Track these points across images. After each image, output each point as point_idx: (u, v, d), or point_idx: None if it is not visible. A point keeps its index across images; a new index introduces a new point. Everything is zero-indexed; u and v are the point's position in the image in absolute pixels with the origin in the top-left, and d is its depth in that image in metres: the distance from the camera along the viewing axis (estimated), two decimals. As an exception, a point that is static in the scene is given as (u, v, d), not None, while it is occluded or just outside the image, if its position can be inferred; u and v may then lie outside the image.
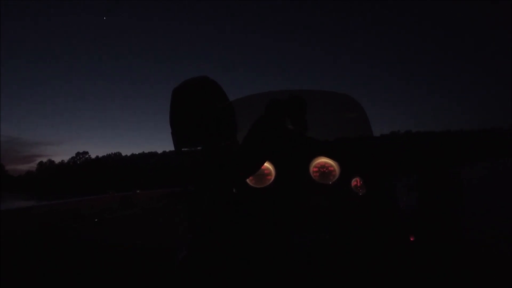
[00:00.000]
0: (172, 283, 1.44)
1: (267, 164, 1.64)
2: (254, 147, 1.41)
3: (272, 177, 1.62)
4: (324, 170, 1.64)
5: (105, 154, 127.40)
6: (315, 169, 1.64)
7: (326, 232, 1.43)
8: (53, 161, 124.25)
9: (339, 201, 1.55)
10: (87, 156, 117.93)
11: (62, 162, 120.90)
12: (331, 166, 1.65)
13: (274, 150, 1.58)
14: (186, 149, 1.45)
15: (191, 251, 1.40)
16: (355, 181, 1.60)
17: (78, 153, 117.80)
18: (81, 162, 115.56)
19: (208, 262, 1.34)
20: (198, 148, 1.45)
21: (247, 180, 1.62)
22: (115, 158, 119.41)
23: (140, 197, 2.66)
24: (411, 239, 1.59)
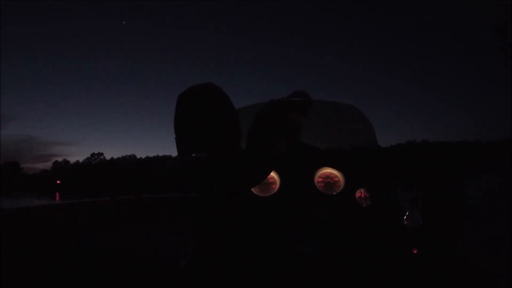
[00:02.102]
0: None
1: (272, 173, 1.63)
2: (261, 156, 1.40)
3: (277, 186, 1.62)
4: (328, 181, 1.64)
5: (120, 156, 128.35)
6: (320, 180, 1.64)
7: (328, 243, 1.42)
8: (68, 161, 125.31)
9: (343, 212, 1.54)
10: (101, 157, 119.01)
11: (77, 162, 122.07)
12: (336, 176, 1.64)
13: (279, 159, 1.58)
14: (189, 155, 1.45)
15: (194, 259, 1.40)
16: (359, 193, 1.59)
17: (93, 154, 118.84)
18: (95, 163, 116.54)
19: (210, 270, 1.33)
20: (202, 155, 1.44)
21: (252, 189, 1.61)
22: (130, 161, 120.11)
23: (142, 201, 2.65)
24: (414, 252, 1.57)
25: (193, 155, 1.45)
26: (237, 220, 1.45)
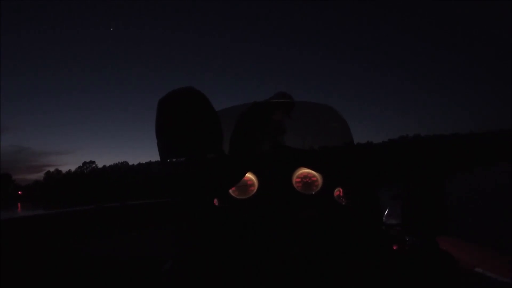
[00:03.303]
0: None
1: (250, 175, 1.63)
2: (234, 157, 1.39)
3: (255, 188, 1.61)
4: (307, 181, 1.63)
5: (112, 164, 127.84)
6: (298, 180, 1.63)
7: (309, 243, 1.41)
8: (60, 171, 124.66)
9: (322, 211, 1.53)
10: (93, 165, 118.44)
11: (69, 172, 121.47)
12: (314, 176, 1.64)
13: (255, 161, 1.57)
14: (171, 160, 1.45)
15: (177, 261, 1.39)
16: (338, 191, 1.58)
17: (85, 163, 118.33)
18: (87, 171, 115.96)
19: (193, 272, 1.32)
20: (183, 159, 1.44)
21: (230, 191, 1.61)
22: (122, 168, 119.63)
23: (127, 208, 2.63)
24: (394, 248, 1.56)
25: (175, 159, 1.44)
26: (218, 224, 1.44)
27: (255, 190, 1.60)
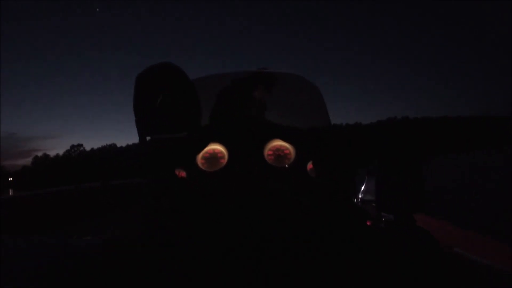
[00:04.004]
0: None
1: (219, 147, 1.60)
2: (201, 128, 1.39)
3: (225, 161, 1.58)
4: (279, 154, 1.60)
5: (100, 146, 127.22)
6: (270, 152, 1.60)
7: (279, 217, 1.39)
8: (48, 155, 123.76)
9: (294, 184, 1.52)
10: (81, 148, 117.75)
11: (57, 156, 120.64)
12: (287, 149, 1.61)
13: (224, 131, 1.55)
14: (149, 137, 1.42)
15: (143, 239, 1.36)
16: (311, 165, 1.56)
17: (72, 146, 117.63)
18: (75, 154, 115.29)
19: (160, 249, 1.30)
20: (162, 136, 1.41)
21: (199, 164, 1.59)
22: (110, 150, 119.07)
23: (107, 188, 2.61)
24: (368, 223, 1.56)
25: (153, 136, 1.42)
26: (184, 198, 1.42)
27: (225, 163, 1.58)
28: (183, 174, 1.56)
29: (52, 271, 1.33)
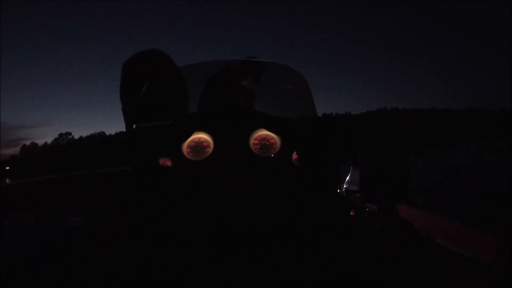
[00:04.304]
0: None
1: (205, 136, 1.59)
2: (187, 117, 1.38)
3: (211, 150, 1.58)
4: (265, 143, 1.60)
5: (89, 134, 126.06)
6: (256, 142, 1.60)
7: (263, 206, 1.39)
8: (36, 144, 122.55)
9: (279, 174, 1.52)
10: (70, 136, 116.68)
11: (45, 144, 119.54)
12: (272, 139, 1.61)
13: (209, 121, 1.54)
14: (136, 125, 1.40)
15: (127, 227, 1.35)
16: (296, 155, 1.56)
17: (61, 134, 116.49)
18: (64, 143, 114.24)
19: (144, 236, 1.30)
20: (149, 124, 1.40)
21: (185, 153, 1.58)
22: (99, 138, 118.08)
23: (93, 176, 2.60)
24: (351, 213, 1.57)
25: (139, 124, 1.40)
26: (170, 186, 1.40)
27: (210, 152, 1.58)
28: (168, 163, 1.55)
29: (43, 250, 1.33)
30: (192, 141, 1.59)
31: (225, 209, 1.37)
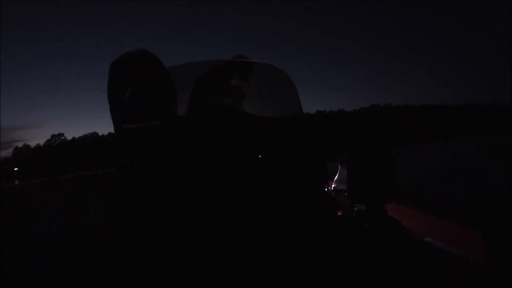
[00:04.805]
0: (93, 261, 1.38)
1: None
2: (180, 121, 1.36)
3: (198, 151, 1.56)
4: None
5: (82, 135, 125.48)
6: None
7: (250, 208, 1.38)
8: (28, 145, 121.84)
9: (267, 174, 1.50)
10: (62, 138, 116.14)
11: (37, 146, 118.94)
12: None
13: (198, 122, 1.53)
14: (125, 126, 1.39)
15: (112, 228, 1.34)
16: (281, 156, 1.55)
17: (53, 135, 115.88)
18: (56, 144, 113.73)
19: (129, 238, 1.28)
20: (138, 125, 1.38)
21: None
22: (91, 138, 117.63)
23: (81, 178, 2.59)
24: (339, 213, 1.56)
25: (128, 125, 1.38)
26: (158, 190, 1.39)
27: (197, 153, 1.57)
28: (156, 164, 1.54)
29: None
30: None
31: (214, 213, 1.35)
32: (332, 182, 1.96)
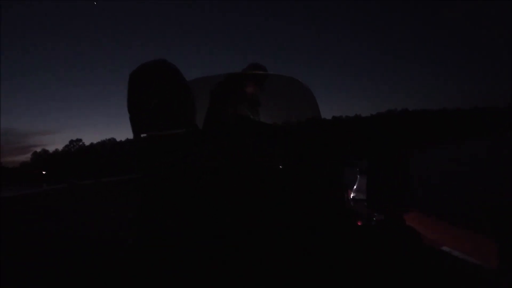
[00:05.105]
0: (119, 272, 1.40)
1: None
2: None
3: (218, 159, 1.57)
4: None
5: (100, 140, 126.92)
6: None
7: (272, 220, 1.38)
8: (47, 151, 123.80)
9: (286, 184, 1.50)
10: (80, 143, 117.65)
11: (56, 151, 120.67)
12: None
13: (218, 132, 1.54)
14: (144, 135, 1.41)
15: (138, 238, 1.35)
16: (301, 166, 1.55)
17: (71, 141, 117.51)
18: (75, 150, 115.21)
19: (154, 248, 1.29)
20: (156, 133, 1.40)
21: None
22: (109, 144, 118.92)
23: (100, 185, 2.61)
24: (359, 223, 1.55)
25: (147, 134, 1.40)
26: (182, 199, 1.39)
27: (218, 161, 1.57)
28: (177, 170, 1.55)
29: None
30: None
31: (238, 223, 1.35)
32: (351, 191, 1.95)
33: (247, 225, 1.35)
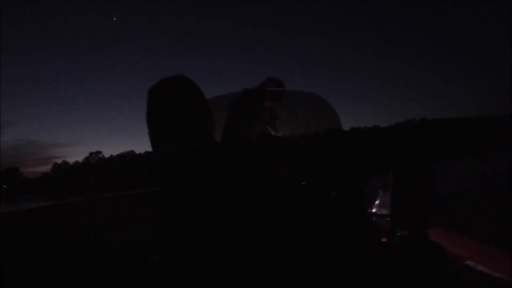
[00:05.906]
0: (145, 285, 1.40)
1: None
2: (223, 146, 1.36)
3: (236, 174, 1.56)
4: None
5: (119, 153, 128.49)
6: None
7: (294, 236, 1.36)
8: (67, 162, 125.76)
9: (306, 202, 1.48)
10: (100, 155, 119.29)
11: (76, 163, 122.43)
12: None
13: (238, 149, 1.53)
14: (162, 149, 1.42)
15: (163, 253, 1.35)
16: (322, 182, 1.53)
17: (91, 153, 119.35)
18: (94, 162, 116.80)
19: (181, 265, 1.29)
20: (176, 148, 1.41)
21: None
22: (128, 157, 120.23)
23: (119, 198, 2.63)
24: (383, 240, 1.52)
25: (167, 149, 1.41)
26: (204, 213, 1.39)
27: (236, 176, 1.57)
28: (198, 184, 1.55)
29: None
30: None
31: (257, 236, 1.34)
32: (374, 206, 1.93)
33: (270, 243, 1.33)
